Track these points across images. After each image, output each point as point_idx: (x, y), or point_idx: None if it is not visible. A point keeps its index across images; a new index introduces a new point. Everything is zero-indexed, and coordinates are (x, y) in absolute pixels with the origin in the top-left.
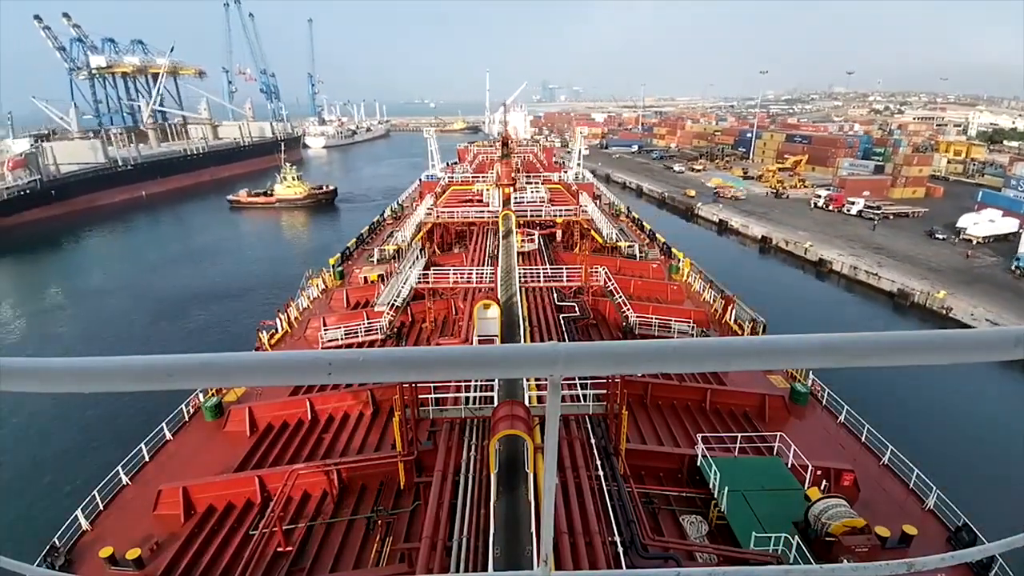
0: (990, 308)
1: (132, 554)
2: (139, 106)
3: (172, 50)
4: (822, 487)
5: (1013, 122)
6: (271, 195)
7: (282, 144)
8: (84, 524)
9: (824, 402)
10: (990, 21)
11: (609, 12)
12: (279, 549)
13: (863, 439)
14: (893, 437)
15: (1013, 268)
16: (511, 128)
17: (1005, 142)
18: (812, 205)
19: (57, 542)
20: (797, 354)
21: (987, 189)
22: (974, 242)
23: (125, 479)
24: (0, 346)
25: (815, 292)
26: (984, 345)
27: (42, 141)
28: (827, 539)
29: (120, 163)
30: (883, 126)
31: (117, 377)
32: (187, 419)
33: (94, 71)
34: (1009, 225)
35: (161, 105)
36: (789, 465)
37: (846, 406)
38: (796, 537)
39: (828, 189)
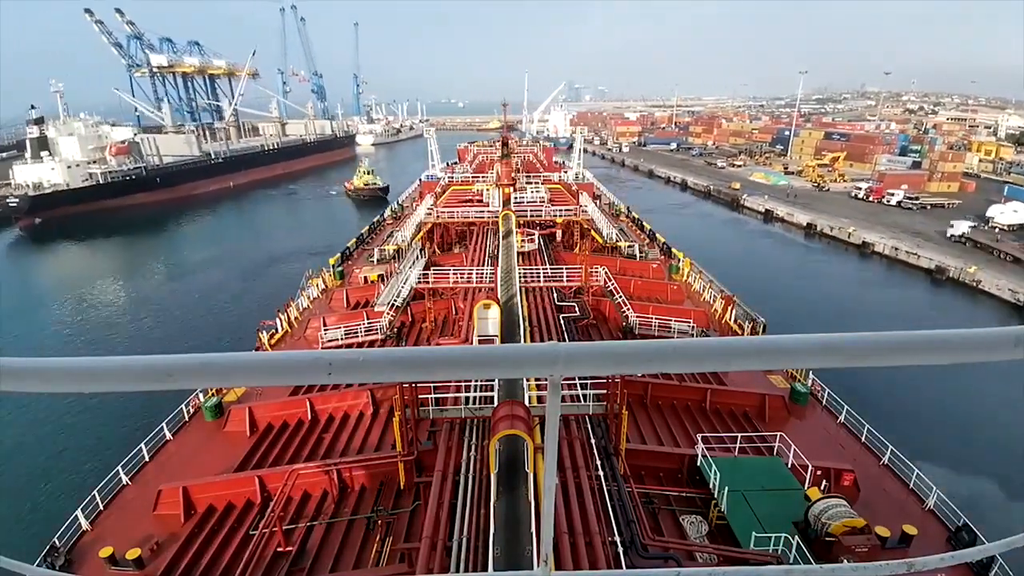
0: (1011, 281)
1: (132, 554)
2: (196, 103)
3: (254, 54)
4: (822, 487)
5: None
6: (349, 185)
7: (355, 139)
8: (84, 524)
9: (824, 402)
10: (990, 21)
11: (611, 13)
12: (279, 549)
13: (863, 439)
14: (893, 437)
15: None
16: (551, 127)
17: None
18: (853, 196)
19: (57, 542)
20: (797, 354)
21: (1013, 185)
22: (997, 230)
23: (125, 479)
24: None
25: (859, 270)
26: (984, 345)
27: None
28: (827, 539)
29: (213, 156)
30: (918, 125)
31: (117, 377)
32: (187, 419)
33: (155, 69)
34: None
35: (239, 105)
36: (789, 465)
37: (846, 406)
38: (796, 537)
39: (868, 183)
